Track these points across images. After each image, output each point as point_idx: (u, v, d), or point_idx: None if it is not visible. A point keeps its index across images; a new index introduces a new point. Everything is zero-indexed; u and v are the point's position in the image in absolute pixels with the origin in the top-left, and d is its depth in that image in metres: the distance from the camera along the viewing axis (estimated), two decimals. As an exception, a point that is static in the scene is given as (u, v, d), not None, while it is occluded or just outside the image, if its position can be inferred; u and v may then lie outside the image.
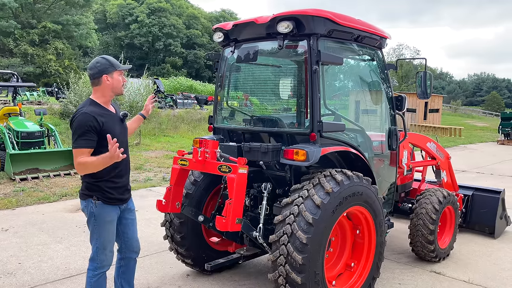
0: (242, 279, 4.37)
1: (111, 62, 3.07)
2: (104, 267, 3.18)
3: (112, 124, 3.05)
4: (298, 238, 3.15)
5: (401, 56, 51.71)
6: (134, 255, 3.42)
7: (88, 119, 2.89)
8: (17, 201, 7.19)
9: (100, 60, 3.07)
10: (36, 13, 42.93)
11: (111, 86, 3.07)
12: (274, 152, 3.61)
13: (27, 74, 38.93)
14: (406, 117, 4.69)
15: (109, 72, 3.04)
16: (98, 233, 3.12)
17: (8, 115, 10.44)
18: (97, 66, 3.04)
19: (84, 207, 3.13)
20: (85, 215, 3.16)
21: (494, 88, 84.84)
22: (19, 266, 4.61)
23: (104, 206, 3.07)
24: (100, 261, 3.15)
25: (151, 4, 57.98)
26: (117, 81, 3.09)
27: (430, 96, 4.51)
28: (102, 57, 3.11)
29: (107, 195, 3.07)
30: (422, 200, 4.82)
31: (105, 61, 3.06)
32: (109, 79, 3.05)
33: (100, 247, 3.13)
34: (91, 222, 3.13)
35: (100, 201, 3.05)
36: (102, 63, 3.05)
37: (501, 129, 22.50)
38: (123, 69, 3.13)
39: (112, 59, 3.12)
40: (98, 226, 3.11)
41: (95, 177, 3.01)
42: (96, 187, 3.05)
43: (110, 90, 3.08)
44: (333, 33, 3.64)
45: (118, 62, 3.14)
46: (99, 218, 3.08)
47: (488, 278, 4.56)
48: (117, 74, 3.09)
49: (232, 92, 4.55)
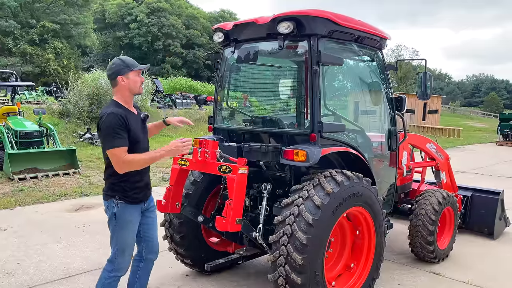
0: (241, 280, 4.37)
1: (126, 63, 3.06)
2: (120, 270, 3.15)
3: (136, 125, 3.07)
4: (298, 239, 3.14)
5: (400, 57, 51.76)
6: (155, 256, 3.40)
7: (118, 118, 2.91)
8: (16, 201, 7.17)
9: (116, 61, 3.07)
10: (35, 13, 42.89)
11: (127, 87, 3.06)
12: (274, 153, 3.60)
13: (26, 74, 38.88)
14: (405, 118, 4.69)
15: (124, 73, 3.03)
16: (118, 235, 3.10)
17: (7, 114, 10.42)
18: (112, 67, 3.05)
19: (106, 208, 3.11)
20: (107, 216, 3.13)
21: (492, 89, 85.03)
22: (18, 266, 4.59)
23: (126, 206, 3.06)
24: (117, 263, 3.13)
25: (151, 4, 57.90)
26: (133, 82, 3.07)
27: (430, 96, 4.51)
28: (118, 58, 3.11)
29: (129, 195, 3.06)
30: (421, 201, 4.82)
31: (120, 62, 3.05)
32: (125, 80, 3.04)
33: (120, 249, 3.12)
34: (112, 223, 3.10)
35: (122, 201, 3.04)
36: (117, 64, 3.05)
37: (500, 130, 22.54)
38: (139, 69, 3.10)
39: (128, 59, 3.11)
40: (118, 227, 3.08)
41: (119, 177, 3.00)
42: (119, 187, 3.04)
43: (127, 90, 3.07)
44: (333, 33, 3.64)
45: (134, 62, 3.11)
46: (120, 219, 3.07)
47: (488, 279, 4.57)
48: (133, 74, 3.06)
49: (232, 92, 4.55)
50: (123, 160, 2.87)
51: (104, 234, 5.66)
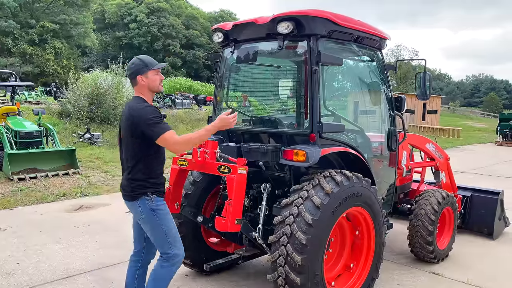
0: (241, 280, 4.37)
1: (145, 62, 3.07)
2: (181, 257, 3.15)
3: None
4: (297, 239, 3.14)
5: (399, 57, 51.82)
6: (153, 257, 3.39)
7: (154, 109, 3.00)
8: (15, 201, 7.17)
9: (135, 61, 3.10)
10: (34, 13, 42.86)
11: (146, 86, 3.08)
12: (273, 153, 3.60)
13: (26, 74, 38.85)
14: (405, 118, 4.69)
15: (143, 73, 3.05)
16: (164, 228, 3.08)
17: (6, 114, 10.41)
18: (132, 67, 3.08)
19: (137, 207, 3.06)
20: (140, 215, 3.09)
21: (492, 89, 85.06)
22: (17, 266, 4.59)
23: (159, 199, 3.09)
24: (176, 254, 3.11)
25: (150, 4, 57.89)
26: (152, 81, 3.09)
27: (430, 97, 4.51)
28: (137, 58, 3.12)
29: (159, 188, 3.11)
30: (421, 201, 4.82)
31: (139, 62, 3.08)
32: (144, 79, 3.06)
33: (172, 240, 3.11)
34: (152, 219, 3.06)
35: (155, 195, 3.07)
36: (136, 63, 3.07)
37: (499, 130, 22.56)
38: (157, 67, 3.11)
39: (147, 58, 3.12)
40: (161, 220, 3.08)
41: (147, 174, 3.04)
42: (148, 183, 3.05)
43: (147, 89, 3.10)
44: (333, 33, 3.64)
45: (153, 60, 3.13)
46: (160, 211, 3.07)
47: (487, 279, 4.57)
48: (152, 73, 3.08)
49: (231, 93, 4.55)
50: (177, 141, 2.94)
51: (104, 234, 5.68)
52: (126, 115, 3.04)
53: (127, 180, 3.09)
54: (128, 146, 3.06)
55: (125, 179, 3.11)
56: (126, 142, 3.08)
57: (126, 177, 3.10)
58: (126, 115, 3.05)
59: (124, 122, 3.06)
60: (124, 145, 3.12)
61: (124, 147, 3.12)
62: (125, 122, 3.05)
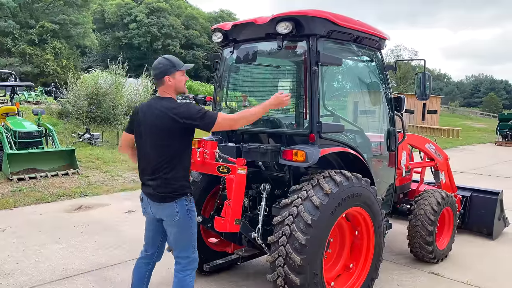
0: (240, 280, 4.36)
1: (173, 63, 3.02)
2: (197, 262, 3.16)
3: None
4: (297, 239, 3.14)
5: (399, 57, 51.87)
6: (160, 259, 3.38)
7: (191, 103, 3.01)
8: (15, 201, 7.16)
9: (162, 61, 3.02)
10: (34, 13, 42.87)
11: (173, 87, 3.04)
12: (273, 153, 3.59)
13: (25, 74, 38.85)
14: (404, 118, 4.69)
15: (171, 73, 3.00)
16: (193, 231, 3.07)
17: (6, 114, 10.41)
18: (160, 67, 3.01)
19: (174, 208, 2.98)
20: (174, 217, 2.99)
21: (492, 89, 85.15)
22: (16, 266, 4.59)
23: (193, 200, 3.09)
24: (195, 258, 3.11)
25: (150, 4, 57.92)
26: (179, 81, 3.05)
27: (429, 97, 4.51)
28: (164, 58, 3.06)
29: (192, 190, 3.11)
30: (420, 201, 4.82)
31: (167, 62, 3.01)
32: (171, 80, 3.01)
33: (195, 243, 3.11)
34: (186, 221, 3.02)
35: (191, 195, 3.07)
36: (164, 64, 3.01)
37: (499, 130, 22.58)
38: (184, 68, 3.08)
39: (174, 59, 3.07)
40: (193, 222, 3.06)
41: (185, 174, 3.03)
42: (187, 183, 3.05)
43: (173, 89, 3.05)
44: (332, 34, 3.63)
45: (180, 61, 3.09)
46: (193, 212, 3.06)
47: (487, 279, 4.57)
48: (179, 74, 3.05)
49: (231, 93, 4.54)
50: (235, 118, 3.06)
51: (103, 235, 5.67)
52: (160, 116, 2.93)
53: (164, 180, 2.96)
54: (162, 146, 2.95)
55: (161, 179, 2.97)
56: (157, 143, 2.97)
57: (163, 177, 2.97)
58: (159, 116, 2.93)
59: (157, 123, 2.94)
60: (153, 146, 2.99)
61: (153, 148, 2.99)
62: (159, 122, 2.94)
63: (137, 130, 3.12)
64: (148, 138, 3.02)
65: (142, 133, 3.06)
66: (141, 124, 3.07)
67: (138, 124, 3.10)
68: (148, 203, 3.10)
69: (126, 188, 8.58)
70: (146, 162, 3.07)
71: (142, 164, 3.12)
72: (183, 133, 2.95)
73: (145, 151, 3.06)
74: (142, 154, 3.11)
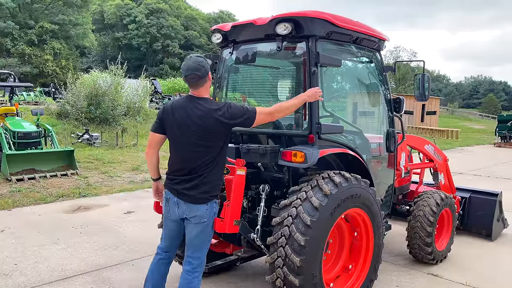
0: (239, 281, 4.36)
1: (207, 60, 3.04)
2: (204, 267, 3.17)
3: None
4: (296, 240, 3.13)
5: (398, 58, 51.90)
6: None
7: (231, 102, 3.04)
8: (14, 202, 7.15)
9: (201, 60, 2.96)
10: (33, 13, 42.83)
11: (210, 84, 3.06)
12: (272, 154, 3.59)
13: (24, 74, 38.79)
14: (404, 119, 4.69)
15: (209, 70, 3.04)
16: (212, 232, 3.09)
17: (5, 115, 10.40)
18: (203, 63, 2.95)
19: (205, 210, 2.99)
20: (203, 219, 3.00)
21: (490, 90, 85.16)
22: (15, 267, 4.58)
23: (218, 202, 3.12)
24: (204, 262, 3.12)
25: (150, 4, 57.92)
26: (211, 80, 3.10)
27: (428, 98, 4.51)
28: (200, 56, 3.03)
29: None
30: (419, 203, 4.83)
31: (205, 61, 2.99)
32: (210, 77, 3.05)
33: (208, 246, 3.13)
34: (211, 223, 3.05)
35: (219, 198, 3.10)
36: (205, 62, 2.97)
37: (498, 131, 22.61)
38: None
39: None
40: (213, 225, 3.09)
41: (220, 177, 3.05)
42: (218, 186, 3.06)
43: (209, 87, 3.07)
44: (331, 35, 3.64)
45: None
46: (215, 216, 3.09)
47: (486, 280, 4.57)
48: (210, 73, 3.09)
49: (230, 94, 4.54)
50: (269, 111, 3.11)
51: (102, 235, 5.67)
52: (203, 117, 2.89)
53: (202, 180, 2.95)
54: (204, 146, 2.94)
55: (199, 180, 2.95)
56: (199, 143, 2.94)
57: (202, 178, 2.95)
58: (203, 117, 2.89)
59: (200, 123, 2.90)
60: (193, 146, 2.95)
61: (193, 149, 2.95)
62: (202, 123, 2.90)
63: (171, 130, 3.04)
64: (187, 139, 2.96)
65: (178, 133, 3.00)
66: (175, 124, 3.00)
67: (171, 124, 3.03)
68: (176, 203, 3.03)
69: (125, 189, 8.57)
70: (184, 162, 3.00)
71: (178, 165, 3.04)
72: (226, 133, 3.01)
73: (183, 152, 3.00)
74: (179, 155, 3.04)
